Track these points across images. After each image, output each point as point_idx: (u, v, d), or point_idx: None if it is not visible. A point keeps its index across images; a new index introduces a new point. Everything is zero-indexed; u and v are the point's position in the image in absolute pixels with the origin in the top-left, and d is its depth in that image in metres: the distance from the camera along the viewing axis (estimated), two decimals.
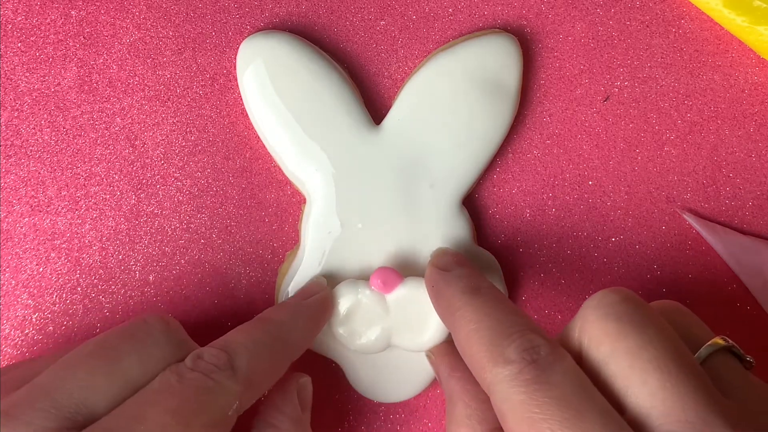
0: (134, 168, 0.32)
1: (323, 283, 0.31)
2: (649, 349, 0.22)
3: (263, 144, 0.31)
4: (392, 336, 0.30)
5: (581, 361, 0.23)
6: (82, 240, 0.32)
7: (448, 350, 0.29)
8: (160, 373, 0.25)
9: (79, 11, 0.32)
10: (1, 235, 0.32)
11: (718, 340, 0.24)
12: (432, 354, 0.30)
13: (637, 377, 0.22)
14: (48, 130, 0.32)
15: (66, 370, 0.24)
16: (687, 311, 0.26)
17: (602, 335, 0.23)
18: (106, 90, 0.32)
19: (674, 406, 0.21)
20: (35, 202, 0.32)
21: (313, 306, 0.30)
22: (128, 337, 0.26)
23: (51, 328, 0.32)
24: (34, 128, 0.32)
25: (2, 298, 0.32)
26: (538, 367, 0.22)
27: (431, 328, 0.30)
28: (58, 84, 0.32)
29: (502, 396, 0.22)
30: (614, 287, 0.24)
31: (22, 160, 0.32)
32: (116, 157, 0.32)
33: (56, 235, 0.32)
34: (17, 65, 0.32)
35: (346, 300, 0.30)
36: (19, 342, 0.32)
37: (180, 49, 0.32)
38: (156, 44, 0.32)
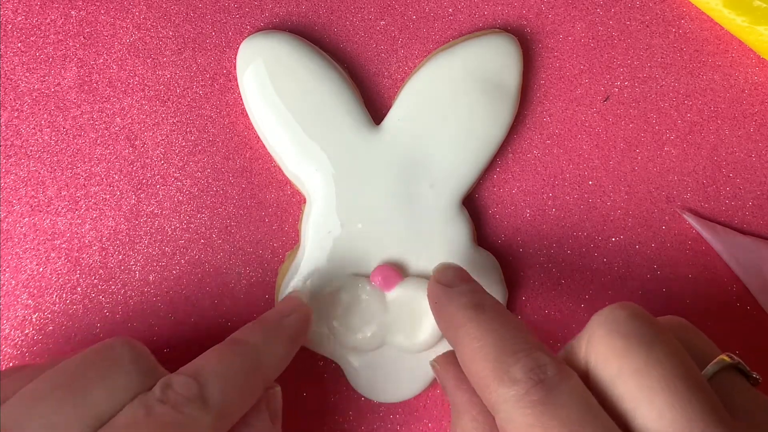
0: (134, 168, 0.32)
1: (302, 298, 0.30)
2: (657, 368, 0.22)
3: (263, 144, 0.31)
4: (388, 334, 0.30)
5: (588, 378, 0.23)
6: (82, 240, 0.32)
7: (454, 361, 0.27)
8: (127, 405, 0.24)
9: (79, 11, 0.32)
10: (1, 235, 0.32)
11: (725, 358, 0.23)
12: (437, 363, 0.28)
13: (645, 397, 0.21)
14: (48, 130, 0.32)
15: (30, 406, 0.23)
16: (692, 327, 0.25)
17: (609, 353, 0.22)
18: (106, 90, 0.32)
19: (683, 427, 0.21)
20: (35, 202, 0.32)
21: (292, 326, 0.29)
22: (94, 365, 0.25)
23: (51, 328, 0.32)
24: (34, 128, 0.32)
25: (2, 298, 0.32)
26: (545, 387, 0.22)
27: (427, 330, 0.30)
28: (58, 84, 0.32)
29: (508, 416, 0.22)
30: (622, 302, 0.24)
31: (22, 160, 0.32)
32: (116, 157, 0.32)
33: (56, 235, 0.32)
34: (17, 65, 0.32)
35: (345, 294, 0.30)
36: (19, 342, 0.32)
37: (180, 49, 0.32)
38: (156, 44, 0.32)
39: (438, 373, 0.28)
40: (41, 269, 0.32)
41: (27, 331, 0.32)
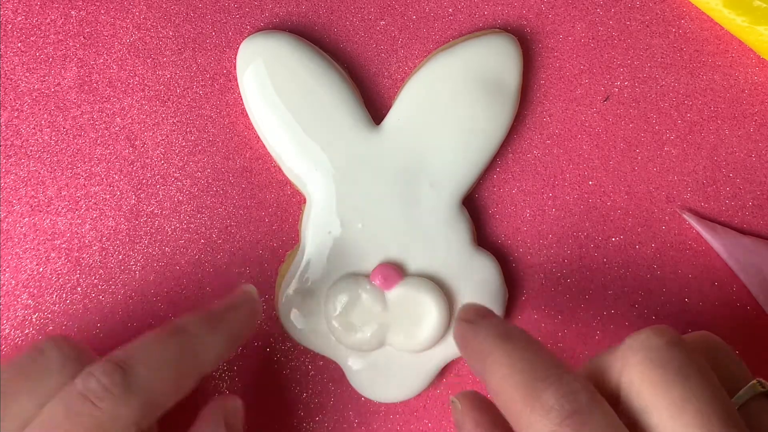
0: (134, 168, 0.32)
1: (253, 293, 0.29)
2: (693, 401, 0.22)
3: (263, 144, 0.31)
4: (388, 334, 0.30)
5: (619, 402, 0.23)
6: (82, 240, 0.32)
7: (475, 403, 0.26)
8: (48, 402, 0.23)
9: (79, 11, 0.32)
10: (1, 235, 0.32)
11: (757, 386, 0.23)
12: (458, 401, 0.26)
13: (680, 431, 0.21)
14: (48, 130, 0.32)
15: None
16: (723, 347, 0.25)
17: (644, 382, 0.22)
18: (106, 90, 0.32)
19: None
20: (35, 202, 0.32)
21: (237, 320, 0.28)
22: (20, 374, 0.24)
23: (51, 328, 0.32)
24: (34, 128, 0.32)
25: (2, 298, 0.32)
26: (579, 419, 0.21)
27: (427, 329, 0.30)
28: (58, 84, 0.32)
29: None
30: (658, 327, 0.24)
31: (22, 160, 0.32)
32: (116, 157, 0.32)
33: (56, 235, 0.32)
34: (17, 65, 0.32)
35: (345, 293, 0.30)
36: (19, 342, 0.32)
37: (180, 49, 0.32)
38: (156, 44, 0.32)
39: (456, 412, 0.27)
40: (41, 269, 0.32)
41: (27, 331, 0.32)
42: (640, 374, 0.23)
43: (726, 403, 0.22)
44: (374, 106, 0.32)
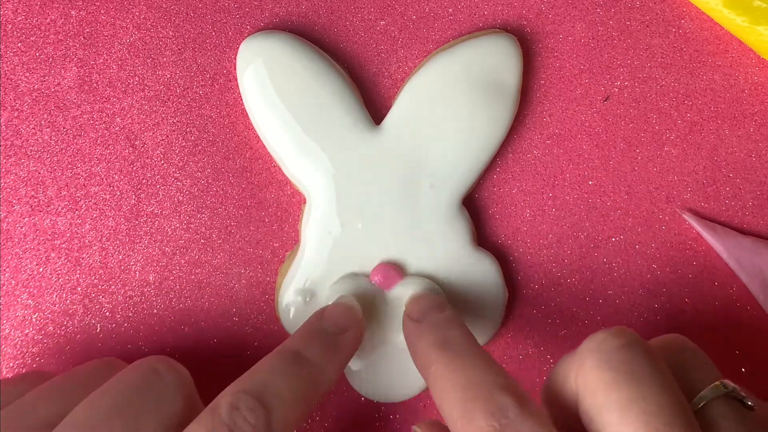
0: (134, 168, 0.32)
1: (358, 313, 0.29)
2: (640, 403, 0.22)
3: (263, 144, 0.31)
4: (388, 334, 0.31)
5: (577, 404, 0.23)
6: (82, 240, 0.32)
7: (435, 429, 0.27)
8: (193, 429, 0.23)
9: (79, 11, 0.32)
10: (1, 235, 0.32)
11: (720, 387, 0.24)
12: (420, 430, 0.27)
13: None
14: (48, 130, 0.32)
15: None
16: (692, 348, 0.25)
17: (597, 384, 0.23)
18: (106, 90, 0.32)
19: None
20: (35, 202, 0.32)
21: (349, 345, 0.28)
22: (143, 393, 0.25)
23: (51, 328, 0.32)
24: (34, 128, 0.32)
25: (2, 298, 0.32)
26: None
27: None
28: (58, 84, 0.32)
29: None
30: (616, 329, 0.24)
31: (22, 160, 0.32)
32: (116, 157, 0.32)
33: (56, 235, 0.32)
34: (17, 65, 0.32)
35: (345, 293, 0.30)
36: (19, 342, 0.32)
37: (180, 49, 0.32)
38: (156, 44, 0.32)
39: None
40: (41, 269, 0.32)
41: (27, 331, 0.32)
42: (593, 377, 0.23)
43: (678, 404, 0.22)
44: (374, 106, 0.32)
